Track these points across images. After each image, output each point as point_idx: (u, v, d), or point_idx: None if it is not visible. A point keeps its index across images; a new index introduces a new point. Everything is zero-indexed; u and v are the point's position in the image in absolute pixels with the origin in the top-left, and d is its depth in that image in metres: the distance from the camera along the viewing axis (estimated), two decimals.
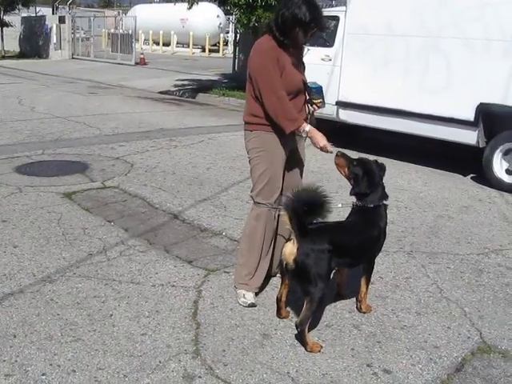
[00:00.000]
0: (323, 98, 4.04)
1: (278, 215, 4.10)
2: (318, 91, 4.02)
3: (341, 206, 3.82)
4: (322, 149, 3.79)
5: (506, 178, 7.51)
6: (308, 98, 4.00)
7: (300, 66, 3.97)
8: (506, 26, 7.15)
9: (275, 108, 3.73)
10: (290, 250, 3.45)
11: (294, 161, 4.10)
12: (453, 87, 7.69)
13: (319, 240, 3.43)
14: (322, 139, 3.77)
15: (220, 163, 8.05)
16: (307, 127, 3.76)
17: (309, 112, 4.05)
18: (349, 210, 3.91)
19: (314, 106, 4.02)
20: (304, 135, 3.82)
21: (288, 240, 3.56)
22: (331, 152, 3.79)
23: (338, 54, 9.17)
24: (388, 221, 3.96)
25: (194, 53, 35.17)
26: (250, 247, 4.04)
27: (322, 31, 4.04)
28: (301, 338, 3.49)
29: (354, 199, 3.86)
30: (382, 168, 3.92)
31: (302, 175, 4.26)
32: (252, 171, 4.04)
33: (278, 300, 3.79)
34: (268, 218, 4.00)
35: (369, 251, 3.83)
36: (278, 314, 3.82)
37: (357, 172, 3.78)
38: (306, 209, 3.36)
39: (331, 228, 3.59)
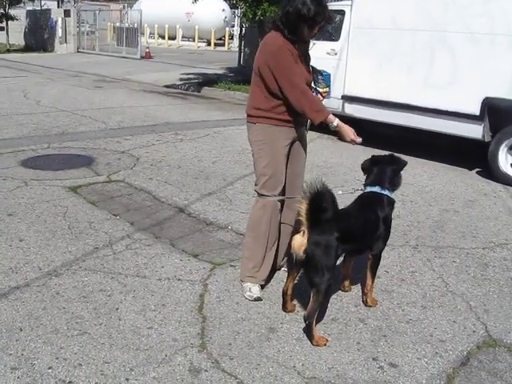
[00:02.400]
0: (330, 87, 4.04)
1: (281, 208, 4.11)
2: (327, 78, 4.02)
3: (341, 192, 3.86)
4: (350, 142, 3.86)
5: None
6: (314, 86, 4.01)
7: (307, 60, 3.99)
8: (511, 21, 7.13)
9: (301, 102, 3.75)
10: (299, 241, 3.44)
11: (296, 153, 4.12)
12: (458, 81, 7.66)
13: (328, 229, 3.43)
14: (350, 133, 3.81)
15: (226, 157, 8.05)
16: (335, 121, 3.78)
17: None
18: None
19: (319, 95, 4.02)
20: (332, 129, 3.84)
21: (296, 232, 3.55)
22: (359, 143, 3.85)
23: (343, 48, 9.16)
24: (394, 216, 3.97)
25: (199, 47, 35.13)
26: (255, 239, 4.05)
27: (330, 23, 4.01)
28: (308, 331, 3.49)
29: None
30: (391, 161, 3.95)
31: (304, 167, 4.27)
32: (255, 164, 4.05)
33: (284, 293, 3.80)
34: (273, 209, 4.01)
35: (369, 236, 3.81)
36: (284, 307, 3.83)
37: (364, 164, 4.05)
38: (323, 202, 3.37)
39: (336, 215, 3.57)
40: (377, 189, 3.83)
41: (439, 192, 6.92)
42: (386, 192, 3.83)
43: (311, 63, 4.06)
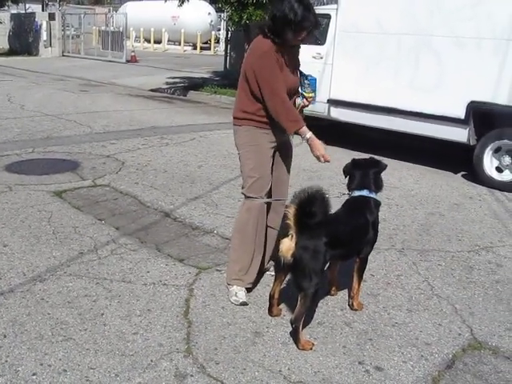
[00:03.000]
0: (315, 93, 4.05)
1: (268, 211, 4.11)
2: (313, 83, 4.03)
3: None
4: (318, 157, 3.81)
5: (496, 176, 7.56)
6: (300, 91, 4.01)
7: (296, 66, 3.99)
8: (497, 25, 7.18)
9: (277, 110, 3.77)
10: (287, 245, 3.43)
11: (282, 155, 4.13)
12: (444, 85, 7.72)
13: (316, 233, 3.43)
14: (320, 148, 3.79)
15: (211, 161, 8.03)
16: (308, 134, 3.77)
17: (298, 106, 4.03)
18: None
19: (304, 100, 4.03)
20: (304, 141, 3.84)
21: (284, 236, 3.53)
22: (327, 161, 3.81)
23: (329, 52, 9.17)
24: (380, 219, 3.98)
25: (185, 50, 35.11)
26: (242, 242, 4.04)
27: (317, 29, 4.01)
28: (295, 334, 3.49)
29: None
30: (373, 164, 3.97)
31: (289, 170, 4.27)
32: (242, 166, 4.06)
33: (271, 297, 3.79)
34: (260, 211, 4.01)
35: (358, 241, 3.83)
36: (270, 311, 3.82)
37: (346, 167, 4.04)
38: (311, 207, 3.37)
39: (326, 219, 3.57)
40: (365, 192, 3.85)
41: (425, 195, 6.96)
42: (372, 195, 3.85)
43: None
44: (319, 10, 9.44)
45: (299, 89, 4.04)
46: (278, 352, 3.42)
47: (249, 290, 4.12)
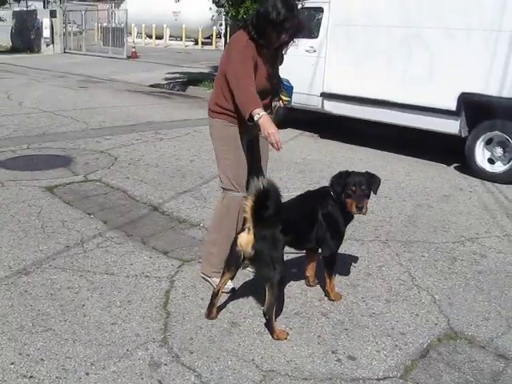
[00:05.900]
0: (291, 98, 4.12)
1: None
2: (289, 90, 4.09)
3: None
4: (267, 137, 3.52)
5: (488, 167, 7.57)
6: (278, 92, 4.05)
7: (272, 69, 3.92)
8: (486, 16, 7.19)
9: (237, 93, 3.63)
10: (245, 239, 3.45)
11: (258, 150, 4.15)
12: (435, 77, 7.74)
13: (272, 222, 3.46)
14: (270, 127, 3.48)
15: (204, 155, 8.06)
16: (261, 112, 3.48)
17: (274, 106, 4.07)
18: None
19: (280, 101, 4.07)
20: (256, 118, 3.50)
21: (241, 231, 3.56)
22: (278, 148, 3.52)
23: (322, 46, 9.19)
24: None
25: (186, 46, 35.13)
26: (223, 236, 4.06)
27: (300, 32, 3.91)
28: (269, 325, 3.52)
29: None
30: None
31: (266, 162, 4.29)
32: (219, 160, 4.08)
33: (215, 295, 3.68)
34: (239, 205, 4.01)
35: (306, 229, 3.82)
36: (210, 312, 3.70)
37: None
38: (267, 199, 3.40)
39: (279, 209, 3.56)
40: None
41: (415, 187, 6.98)
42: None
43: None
44: (311, 3, 9.49)
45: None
46: (252, 342, 3.46)
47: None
